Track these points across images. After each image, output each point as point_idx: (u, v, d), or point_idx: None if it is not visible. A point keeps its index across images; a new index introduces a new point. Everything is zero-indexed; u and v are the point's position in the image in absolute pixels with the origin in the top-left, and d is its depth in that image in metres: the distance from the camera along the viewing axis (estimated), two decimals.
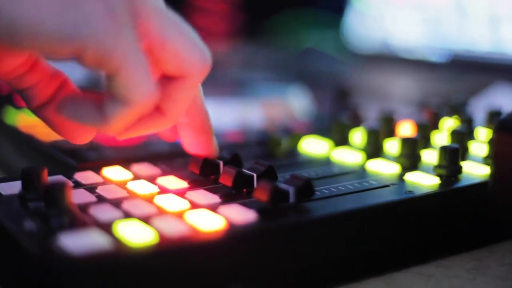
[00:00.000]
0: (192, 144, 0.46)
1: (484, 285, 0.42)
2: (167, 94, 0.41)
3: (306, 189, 0.41)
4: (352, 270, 0.42)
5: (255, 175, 0.44)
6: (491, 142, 0.45)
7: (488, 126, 0.58)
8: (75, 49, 0.36)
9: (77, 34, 0.36)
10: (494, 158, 0.43)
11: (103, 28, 0.37)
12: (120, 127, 0.40)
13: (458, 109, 0.63)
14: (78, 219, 0.38)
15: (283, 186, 0.41)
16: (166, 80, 0.41)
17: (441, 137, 0.56)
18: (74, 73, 0.81)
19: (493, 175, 0.43)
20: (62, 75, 0.44)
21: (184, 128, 0.46)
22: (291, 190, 0.41)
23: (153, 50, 0.40)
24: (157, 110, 0.42)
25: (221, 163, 0.46)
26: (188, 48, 0.41)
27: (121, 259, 0.35)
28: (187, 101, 0.42)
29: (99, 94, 0.40)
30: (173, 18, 0.41)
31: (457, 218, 0.45)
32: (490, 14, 0.92)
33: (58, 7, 0.36)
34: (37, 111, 0.43)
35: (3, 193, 0.43)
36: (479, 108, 0.64)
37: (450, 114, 0.62)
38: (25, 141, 0.60)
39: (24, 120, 0.65)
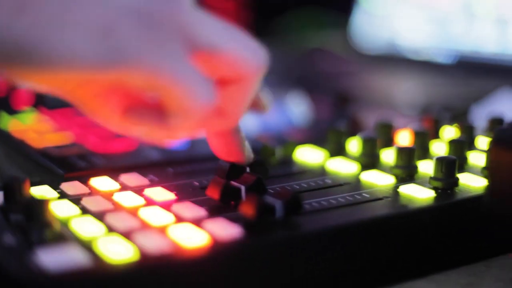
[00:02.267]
0: (224, 152, 0.46)
1: None
2: (227, 97, 0.41)
3: (293, 203, 0.40)
4: (341, 285, 0.41)
5: (243, 187, 0.43)
6: (488, 153, 0.44)
7: (488, 135, 0.57)
8: (117, 75, 0.36)
9: (116, 59, 0.35)
10: (491, 170, 0.42)
11: (143, 49, 0.36)
12: (182, 135, 0.42)
13: (459, 116, 0.62)
14: (58, 234, 0.37)
15: (270, 199, 0.40)
16: (225, 82, 0.41)
17: (440, 146, 0.55)
18: None
19: (489, 188, 0.42)
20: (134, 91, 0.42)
21: (214, 133, 0.45)
22: (277, 204, 0.40)
23: (207, 58, 0.39)
24: (219, 112, 0.41)
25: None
26: (240, 51, 0.40)
27: (99, 276, 0.34)
28: (247, 102, 0.42)
29: (158, 104, 0.40)
30: (218, 23, 0.40)
31: (452, 232, 0.44)
32: (497, 16, 0.91)
33: (93, 36, 0.35)
34: (109, 124, 0.42)
35: None
36: (481, 115, 0.63)
37: (451, 121, 0.60)
38: (16, 147, 0.59)
39: (17, 125, 0.64)
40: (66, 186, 0.46)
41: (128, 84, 0.37)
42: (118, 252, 0.35)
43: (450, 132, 0.58)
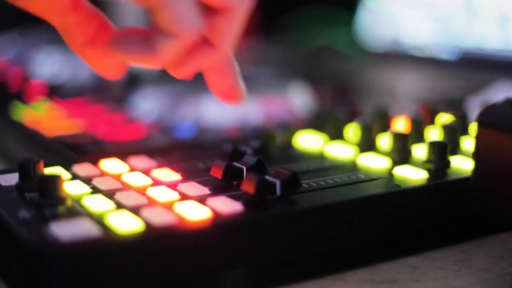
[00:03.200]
0: (220, 90, 0.47)
1: (468, 277, 0.43)
2: (214, 26, 0.42)
3: (292, 181, 0.42)
4: (337, 261, 0.43)
5: (244, 168, 0.45)
6: (475, 138, 0.46)
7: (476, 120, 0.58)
8: None
9: None
10: (475, 151, 0.43)
11: None
12: (168, 58, 0.41)
13: (454, 105, 0.64)
14: (71, 209, 0.40)
15: (269, 178, 0.42)
16: (212, 12, 0.42)
17: (435, 133, 0.57)
18: (81, 72, 0.83)
19: (474, 168, 0.44)
20: (101, 15, 0.45)
21: (211, 71, 0.46)
22: (277, 182, 0.42)
23: None
24: (207, 42, 0.43)
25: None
26: None
27: (107, 245, 0.36)
28: (234, 33, 0.43)
29: (145, 31, 0.42)
30: None
31: (443, 212, 0.46)
32: (499, 12, 0.92)
33: None
34: (77, 50, 0.45)
35: (2, 184, 0.45)
36: (476, 104, 0.65)
37: (446, 110, 0.62)
38: (30, 136, 0.61)
39: (30, 116, 0.67)
40: (78, 168, 0.48)
41: None
42: (126, 224, 0.37)
43: (445, 119, 0.60)
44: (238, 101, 0.47)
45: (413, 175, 0.47)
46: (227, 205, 0.40)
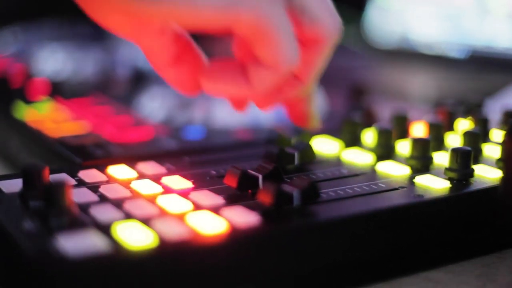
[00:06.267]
0: (297, 116, 0.48)
1: None
2: (303, 59, 0.43)
3: (311, 191, 0.40)
4: (358, 275, 0.41)
5: (260, 176, 0.43)
6: (503, 145, 0.44)
7: (502, 128, 0.57)
8: (231, 19, 0.38)
9: (234, 5, 0.38)
10: (505, 161, 0.42)
11: None
12: (264, 90, 0.42)
13: (473, 109, 0.62)
14: (78, 220, 0.38)
15: (287, 188, 0.40)
16: (301, 45, 0.42)
17: (455, 138, 0.55)
18: (84, 69, 0.81)
19: (503, 179, 0.42)
20: (185, 36, 0.45)
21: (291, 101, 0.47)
22: (295, 192, 0.40)
23: (293, 14, 0.41)
24: (293, 75, 0.44)
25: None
26: (324, 12, 0.43)
27: (117, 262, 0.34)
28: (320, 66, 0.44)
29: (239, 62, 0.43)
30: None
31: (467, 223, 0.44)
32: (510, 10, 0.91)
33: None
34: (160, 70, 0.45)
35: (5, 191, 0.43)
36: (495, 108, 0.63)
37: (465, 114, 0.60)
38: (33, 137, 0.59)
39: (33, 115, 0.65)
40: (84, 174, 0.46)
41: (235, 28, 0.39)
42: (137, 238, 0.35)
43: (464, 124, 0.58)
44: (312, 127, 0.49)
45: (435, 184, 0.45)
46: (243, 217, 0.38)
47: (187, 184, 0.44)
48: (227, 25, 0.39)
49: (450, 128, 0.58)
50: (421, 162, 0.48)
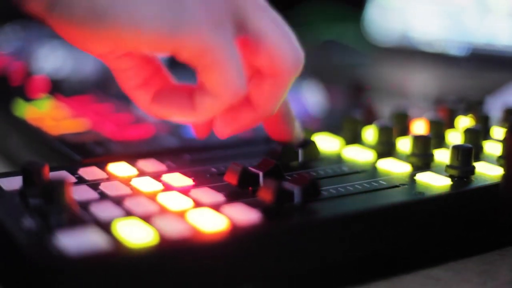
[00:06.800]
0: (276, 132, 0.48)
1: None
2: (259, 91, 0.42)
3: (311, 189, 0.40)
4: (359, 272, 0.41)
5: (261, 173, 0.43)
6: (504, 142, 0.44)
7: (503, 125, 0.57)
8: (175, 45, 0.38)
9: (177, 31, 0.38)
10: (506, 159, 0.41)
11: (203, 25, 0.38)
12: (206, 116, 0.42)
13: (474, 107, 0.62)
14: (78, 217, 0.37)
15: (288, 186, 0.40)
16: (259, 75, 0.42)
17: (456, 135, 0.55)
18: (84, 67, 0.81)
19: (504, 176, 0.42)
20: (156, 61, 0.45)
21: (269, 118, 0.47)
22: (296, 190, 0.40)
23: (249, 45, 0.41)
24: (249, 105, 0.43)
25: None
26: (283, 45, 0.41)
27: (118, 259, 0.34)
28: (279, 99, 0.43)
29: (190, 88, 0.43)
30: (272, 14, 0.42)
31: (468, 221, 0.44)
32: (511, 8, 0.90)
33: (160, 6, 0.37)
34: (128, 91, 0.45)
35: (5, 188, 0.43)
36: (496, 106, 0.63)
37: (465, 112, 0.60)
38: (33, 134, 0.59)
39: (33, 112, 0.64)
40: (84, 172, 0.46)
41: (178, 55, 0.39)
42: (137, 235, 0.35)
43: (465, 122, 0.58)
44: (292, 141, 0.48)
45: (436, 181, 0.45)
46: (244, 214, 0.38)
47: (188, 181, 0.44)
48: (171, 50, 0.39)
49: (451, 125, 0.58)
50: (422, 159, 0.48)
